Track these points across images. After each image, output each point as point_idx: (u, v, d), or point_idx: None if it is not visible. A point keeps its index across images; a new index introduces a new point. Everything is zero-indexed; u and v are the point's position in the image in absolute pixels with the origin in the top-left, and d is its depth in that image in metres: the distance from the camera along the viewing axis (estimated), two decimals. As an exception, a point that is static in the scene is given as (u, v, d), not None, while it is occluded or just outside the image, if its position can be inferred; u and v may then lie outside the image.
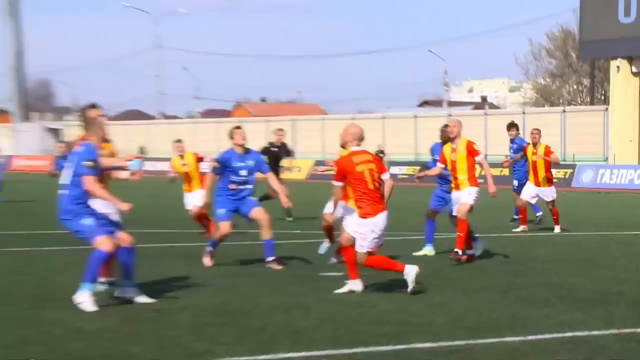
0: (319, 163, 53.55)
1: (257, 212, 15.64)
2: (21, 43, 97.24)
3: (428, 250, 17.53)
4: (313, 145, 65.94)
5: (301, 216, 24.91)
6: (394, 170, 50.62)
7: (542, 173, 21.33)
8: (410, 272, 12.35)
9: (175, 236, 21.28)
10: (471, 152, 16.43)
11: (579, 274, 14.81)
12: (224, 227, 15.52)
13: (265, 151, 24.39)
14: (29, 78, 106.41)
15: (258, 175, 15.65)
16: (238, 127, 16.55)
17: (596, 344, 9.56)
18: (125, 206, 11.65)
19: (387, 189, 13.27)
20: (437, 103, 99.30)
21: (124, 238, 11.71)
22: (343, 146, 13.54)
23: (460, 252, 15.90)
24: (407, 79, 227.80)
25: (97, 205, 11.81)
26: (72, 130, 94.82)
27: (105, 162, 12.32)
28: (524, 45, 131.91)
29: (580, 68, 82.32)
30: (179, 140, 22.84)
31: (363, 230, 12.65)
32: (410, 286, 12.27)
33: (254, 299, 12.14)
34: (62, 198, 11.54)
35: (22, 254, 16.98)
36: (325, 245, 16.73)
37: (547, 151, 20.08)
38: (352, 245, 12.85)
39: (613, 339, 9.80)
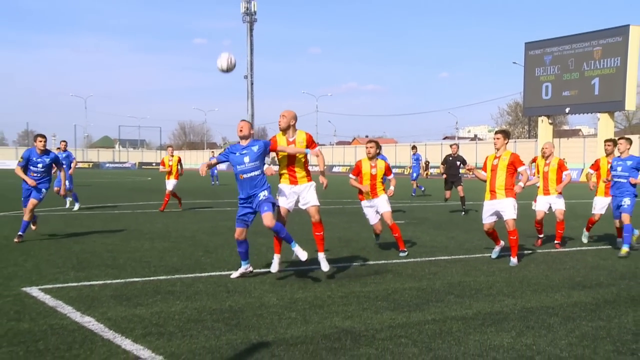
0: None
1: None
2: (253, 110, 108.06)
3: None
4: (390, 159, 71.22)
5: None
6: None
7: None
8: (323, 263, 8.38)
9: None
10: (561, 167, 12.22)
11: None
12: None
13: (446, 160, 19.39)
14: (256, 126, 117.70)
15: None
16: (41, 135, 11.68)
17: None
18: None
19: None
20: (451, 138, 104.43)
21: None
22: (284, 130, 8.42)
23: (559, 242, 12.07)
24: (436, 126, 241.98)
25: None
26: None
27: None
28: (495, 109, 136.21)
29: (524, 120, 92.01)
30: (170, 146, 20.53)
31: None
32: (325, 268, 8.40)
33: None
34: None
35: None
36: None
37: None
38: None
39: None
